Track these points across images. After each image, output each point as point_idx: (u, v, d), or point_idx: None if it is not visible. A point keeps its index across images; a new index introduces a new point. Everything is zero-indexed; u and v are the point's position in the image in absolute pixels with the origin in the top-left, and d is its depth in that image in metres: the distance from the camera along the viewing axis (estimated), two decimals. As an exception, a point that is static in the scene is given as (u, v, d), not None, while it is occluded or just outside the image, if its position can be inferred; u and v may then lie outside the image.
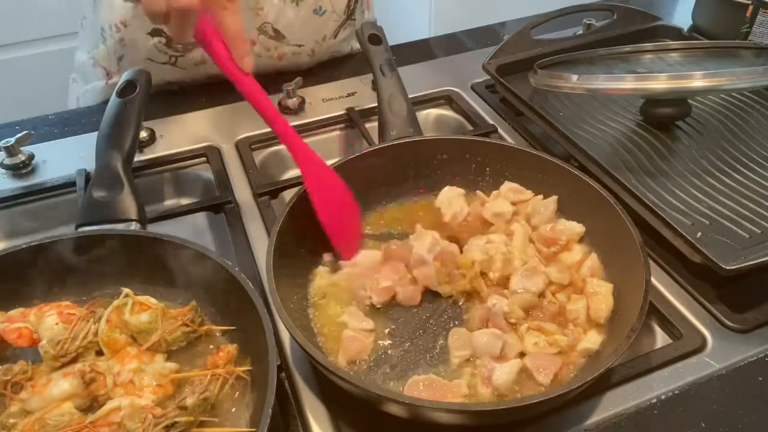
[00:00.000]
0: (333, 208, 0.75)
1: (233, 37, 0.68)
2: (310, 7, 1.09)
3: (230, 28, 0.68)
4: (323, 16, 1.11)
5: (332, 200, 0.76)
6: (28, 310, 0.68)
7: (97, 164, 0.80)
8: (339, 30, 1.15)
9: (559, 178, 0.79)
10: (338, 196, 0.77)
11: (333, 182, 0.77)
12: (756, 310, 0.73)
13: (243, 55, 0.69)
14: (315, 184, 0.74)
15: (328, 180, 0.76)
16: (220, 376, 0.61)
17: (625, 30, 1.14)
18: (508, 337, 0.67)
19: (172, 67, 1.08)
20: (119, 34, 1.04)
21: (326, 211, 0.74)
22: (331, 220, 0.75)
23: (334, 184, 0.77)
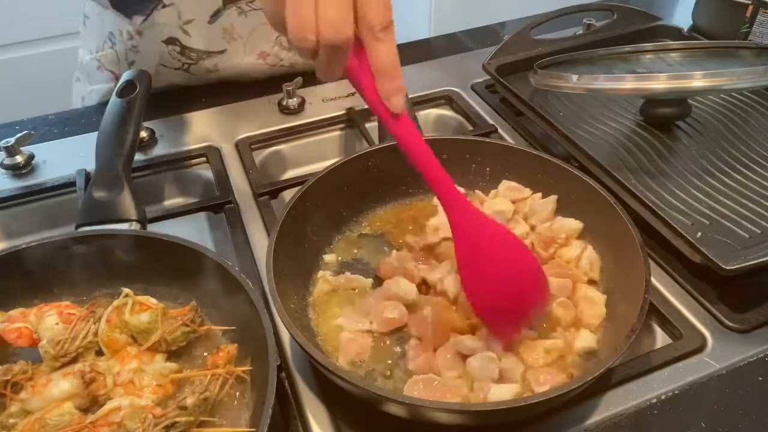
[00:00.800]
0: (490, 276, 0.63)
1: (383, 72, 0.57)
2: None
3: (380, 61, 0.56)
4: None
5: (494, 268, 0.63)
6: (28, 310, 0.68)
7: (97, 164, 0.80)
8: None
9: (559, 178, 0.79)
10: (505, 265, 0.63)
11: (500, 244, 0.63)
12: (756, 310, 0.73)
13: (391, 93, 0.57)
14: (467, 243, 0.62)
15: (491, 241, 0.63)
16: (220, 376, 0.61)
17: (625, 30, 1.14)
18: (507, 360, 0.64)
19: (183, 72, 1.09)
20: (131, 42, 1.04)
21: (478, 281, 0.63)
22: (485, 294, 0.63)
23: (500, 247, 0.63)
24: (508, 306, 0.64)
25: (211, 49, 1.05)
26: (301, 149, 1.02)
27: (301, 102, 1.06)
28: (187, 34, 1.02)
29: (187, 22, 1.01)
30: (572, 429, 0.63)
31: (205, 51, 1.05)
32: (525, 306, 0.65)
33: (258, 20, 1.04)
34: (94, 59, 1.12)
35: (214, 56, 1.06)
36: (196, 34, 1.03)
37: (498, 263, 0.63)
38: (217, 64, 1.07)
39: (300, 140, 1.02)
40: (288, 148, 1.02)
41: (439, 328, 0.67)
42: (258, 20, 1.04)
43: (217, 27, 1.02)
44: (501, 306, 0.64)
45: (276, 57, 1.10)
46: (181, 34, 1.02)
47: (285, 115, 1.04)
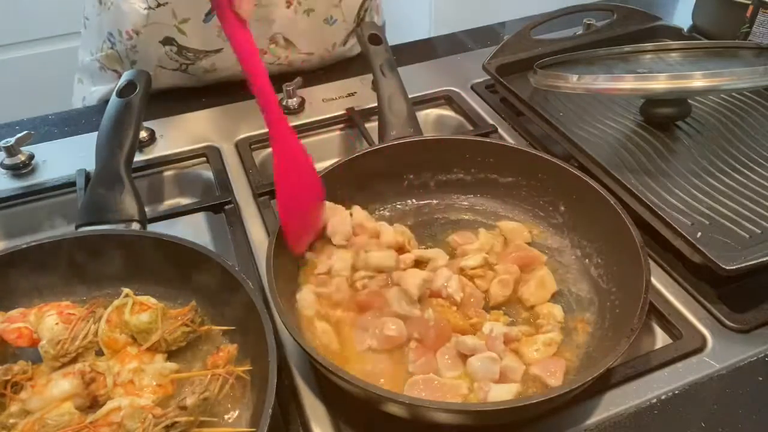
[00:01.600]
0: (293, 190, 0.72)
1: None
2: (321, 18, 1.09)
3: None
4: (334, 26, 1.11)
5: (295, 181, 0.72)
6: (28, 310, 0.68)
7: (97, 164, 0.80)
8: (348, 38, 1.15)
9: (559, 178, 0.79)
10: (303, 179, 0.73)
11: (303, 163, 0.73)
12: (756, 310, 0.73)
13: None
14: (283, 156, 0.71)
15: (298, 159, 0.73)
16: (220, 376, 0.61)
17: (625, 30, 1.14)
18: (508, 359, 0.65)
19: (182, 74, 1.09)
20: (131, 42, 1.04)
21: (286, 192, 0.71)
22: (288, 202, 0.71)
23: (303, 165, 0.73)
24: (304, 211, 0.73)
25: (208, 48, 1.05)
26: (301, 149, 1.02)
27: (301, 102, 1.06)
28: (183, 33, 1.02)
29: (182, 21, 1.01)
30: (572, 429, 0.63)
31: (201, 50, 1.05)
32: (315, 211, 0.75)
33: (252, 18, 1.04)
34: (95, 60, 1.12)
35: (211, 55, 1.06)
36: (192, 33, 1.03)
37: (302, 174, 0.73)
38: (215, 63, 1.07)
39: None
40: (288, 148, 1.02)
41: (441, 330, 0.67)
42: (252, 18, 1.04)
43: (213, 26, 1.02)
44: (300, 210, 0.72)
45: (273, 56, 1.10)
46: (177, 34, 1.02)
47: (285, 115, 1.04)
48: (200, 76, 1.10)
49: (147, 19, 1.00)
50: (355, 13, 1.13)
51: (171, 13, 1.00)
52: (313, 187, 0.74)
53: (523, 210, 0.84)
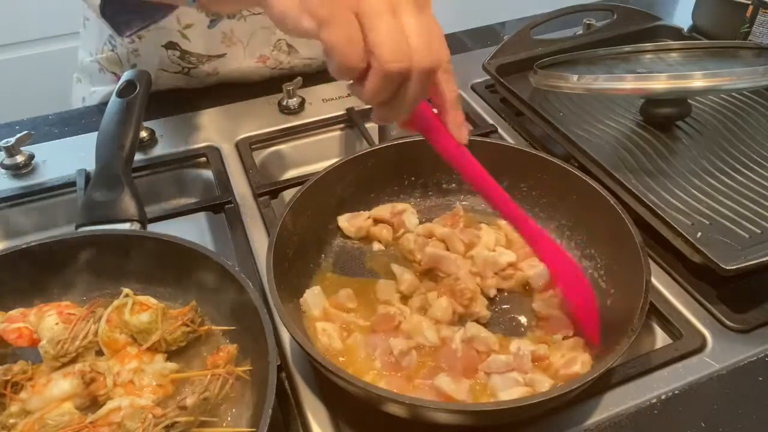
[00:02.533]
0: (581, 299, 0.68)
1: (452, 105, 0.58)
2: None
3: (451, 94, 0.58)
4: None
5: (579, 292, 0.68)
6: (28, 310, 0.68)
7: (97, 164, 0.80)
8: None
9: (559, 178, 0.79)
10: (582, 287, 0.69)
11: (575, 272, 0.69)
12: (756, 310, 0.73)
13: (459, 124, 0.59)
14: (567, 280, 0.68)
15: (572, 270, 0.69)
16: (220, 376, 0.61)
17: (625, 30, 1.14)
18: (535, 376, 0.65)
19: (183, 76, 1.09)
20: (133, 45, 1.04)
21: (579, 304, 0.68)
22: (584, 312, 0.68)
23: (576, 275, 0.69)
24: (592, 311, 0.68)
25: (211, 53, 1.05)
26: (301, 149, 1.02)
27: (301, 102, 1.06)
28: (186, 38, 1.02)
29: (186, 27, 1.01)
30: (572, 429, 0.63)
31: (205, 55, 1.05)
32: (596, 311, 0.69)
33: (257, 24, 1.04)
34: (94, 61, 1.12)
35: (214, 60, 1.06)
36: (196, 38, 1.03)
37: (579, 281, 0.68)
38: (217, 67, 1.08)
39: (300, 140, 1.02)
40: (288, 148, 1.02)
41: (469, 362, 0.66)
42: (257, 24, 1.04)
43: (217, 31, 1.02)
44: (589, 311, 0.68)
45: (276, 60, 1.10)
46: (181, 39, 1.02)
47: (285, 115, 1.04)
48: (202, 79, 1.10)
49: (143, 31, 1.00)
50: None
51: (175, 18, 1.00)
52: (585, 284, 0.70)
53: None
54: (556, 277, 0.69)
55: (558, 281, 0.70)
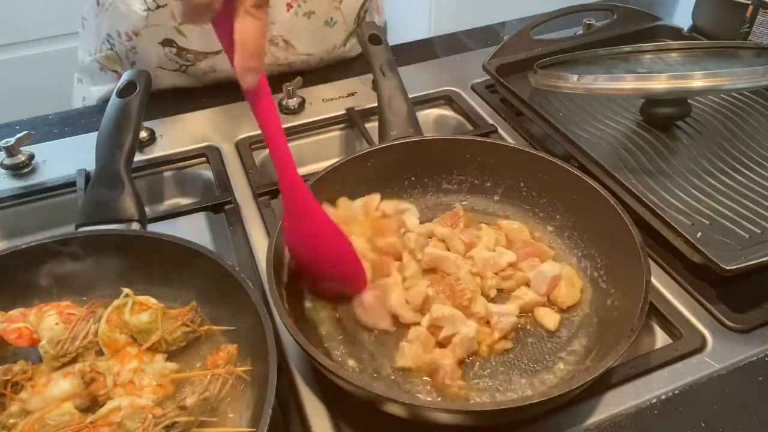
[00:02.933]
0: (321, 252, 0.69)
1: (242, 47, 0.57)
2: (321, 20, 1.09)
3: (244, 37, 0.56)
4: (334, 27, 1.11)
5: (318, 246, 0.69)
6: (28, 310, 0.68)
7: (97, 164, 0.80)
8: (348, 38, 1.16)
9: (559, 178, 0.79)
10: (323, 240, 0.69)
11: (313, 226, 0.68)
12: (756, 310, 0.73)
13: (246, 70, 0.58)
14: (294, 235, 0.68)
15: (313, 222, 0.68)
16: (220, 376, 0.61)
17: (625, 30, 1.14)
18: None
19: (182, 74, 1.09)
20: (130, 43, 1.04)
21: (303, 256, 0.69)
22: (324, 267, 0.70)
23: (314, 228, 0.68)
24: (330, 280, 0.71)
25: (208, 50, 1.05)
26: (301, 149, 1.02)
27: (301, 102, 1.06)
28: (182, 35, 1.02)
29: (182, 23, 1.01)
30: (572, 429, 0.63)
31: (201, 52, 1.05)
32: (343, 283, 0.72)
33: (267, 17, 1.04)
34: (94, 61, 1.12)
35: (211, 57, 1.06)
36: (192, 34, 1.03)
37: (321, 251, 0.69)
38: (215, 64, 1.07)
39: (300, 140, 1.02)
40: (288, 148, 1.02)
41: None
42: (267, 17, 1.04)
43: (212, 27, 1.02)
44: (324, 279, 0.71)
45: (273, 56, 1.10)
46: (177, 35, 1.02)
47: (285, 115, 1.05)
48: (200, 77, 1.10)
49: (146, 21, 1.00)
50: (355, 15, 1.13)
51: (170, 14, 1.00)
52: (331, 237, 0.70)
53: (522, 210, 0.84)
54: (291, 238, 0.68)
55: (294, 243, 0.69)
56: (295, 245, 0.70)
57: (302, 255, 0.70)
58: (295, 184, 0.65)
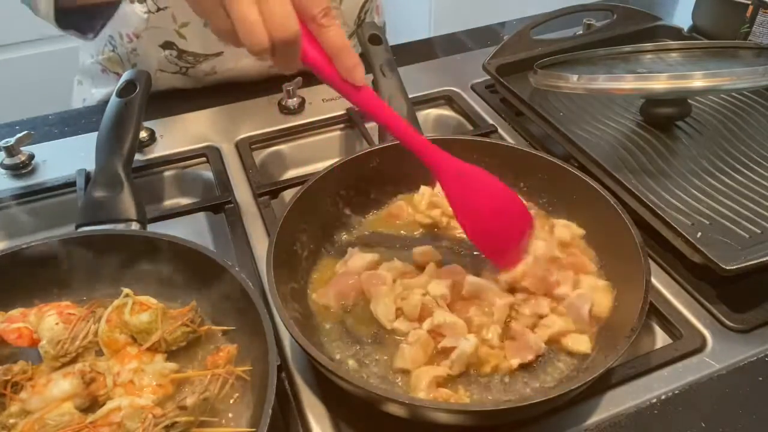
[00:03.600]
0: (481, 214, 0.70)
1: (337, 52, 0.60)
2: None
3: (333, 44, 0.60)
4: None
5: (479, 206, 0.70)
6: (28, 310, 0.68)
7: (97, 164, 0.80)
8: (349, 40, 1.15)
9: (559, 178, 0.79)
10: (488, 201, 0.70)
11: (481, 184, 0.70)
12: (756, 310, 0.73)
13: (350, 67, 0.61)
14: (454, 186, 0.69)
15: (474, 182, 0.70)
16: (220, 376, 0.61)
17: (625, 30, 1.14)
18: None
19: (182, 76, 1.09)
20: (131, 45, 1.04)
21: (471, 218, 0.70)
22: (478, 228, 0.70)
23: (482, 186, 0.70)
24: (503, 237, 0.71)
25: (208, 52, 1.05)
26: (301, 149, 1.02)
27: (301, 102, 1.06)
28: (183, 37, 1.02)
29: (182, 26, 1.01)
30: (572, 429, 0.63)
31: (202, 54, 1.05)
32: (516, 235, 0.72)
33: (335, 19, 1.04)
34: (96, 63, 1.12)
35: (212, 59, 1.06)
36: (192, 37, 1.03)
37: (486, 201, 0.70)
38: (215, 66, 1.07)
39: (300, 140, 1.02)
40: (288, 148, 1.02)
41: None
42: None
43: None
44: (497, 238, 0.71)
45: None
46: (178, 38, 1.02)
47: (285, 115, 1.05)
48: (201, 79, 1.10)
49: (147, 23, 1.00)
50: (356, 16, 1.13)
51: (171, 17, 1.00)
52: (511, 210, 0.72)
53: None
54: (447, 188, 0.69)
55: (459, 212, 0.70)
56: (466, 209, 0.70)
57: (476, 214, 0.70)
58: (435, 151, 0.68)
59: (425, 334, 0.66)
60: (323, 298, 0.72)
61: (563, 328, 0.68)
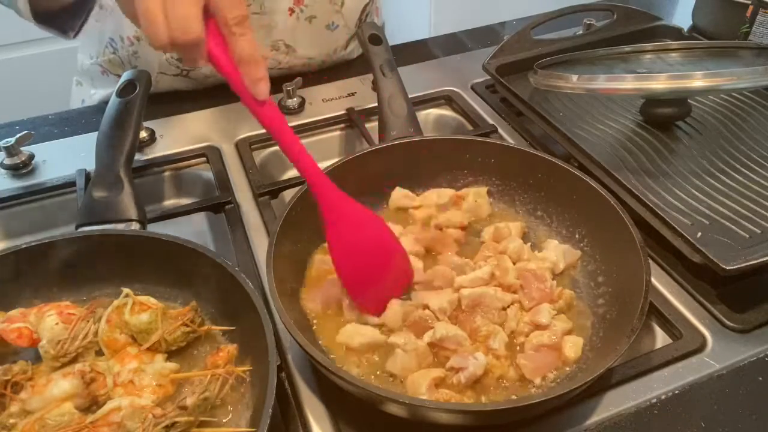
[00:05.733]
0: (357, 255, 0.69)
1: (246, 62, 0.60)
2: (322, 24, 1.09)
3: (242, 52, 0.60)
4: (335, 31, 1.11)
5: (357, 246, 0.69)
6: (28, 310, 0.68)
7: (97, 164, 0.80)
8: (349, 41, 1.16)
9: (559, 178, 0.79)
10: (366, 241, 0.70)
11: (361, 223, 0.69)
12: (756, 310, 0.73)
13: (256, 80, 0.61)
14: (336, 232, 0.68)
15: (356, 220, 0.69)
16: (220, 376, 0.61)
17: (625, 30, 1.14)
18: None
19: (183, 78, 1.09)
20: (132, 47, 1.04)
21: (347, 261, 0.69)
22: (353, 272, 0.69)
23: (361, 225, 0.69)
24: (377, 285, 0.70)
25: None
26: (301, 149, 1.02)
27: (301, 102, 1.06)
28: None
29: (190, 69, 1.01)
30: (572, 429, 0.63)
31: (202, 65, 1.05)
32: (391, 284, 0.71)
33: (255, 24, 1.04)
34: (95, 64, 1.12)
35: None
36: None
37: (367, 247, 0.70)
38: None
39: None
40: (288, 148, 1.02)
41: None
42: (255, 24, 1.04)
43: None
44: (371, 285, 0.70)
45: (274, 60, 1.10)
46: None
47: (285, 115, 1.04)
48: (201, 81, 1.10)
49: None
50: (357, 18, 1.13)
51: None
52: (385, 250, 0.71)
53: (523, 210, 0.84)
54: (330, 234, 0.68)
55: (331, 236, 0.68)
56: (343, 251, 0.68)
57: (352, 259, 0.69)
58: (324, 185, 0.67)
59: (424, 345, 0.66)
60: (310, 303, 0.72)
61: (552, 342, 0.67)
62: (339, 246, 0.68)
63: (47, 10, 0.79)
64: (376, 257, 0.70)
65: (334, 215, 0.68)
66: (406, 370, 0.65)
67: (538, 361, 0.66)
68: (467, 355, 0.64)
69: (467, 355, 0.64)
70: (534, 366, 0.65)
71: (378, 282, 0.70)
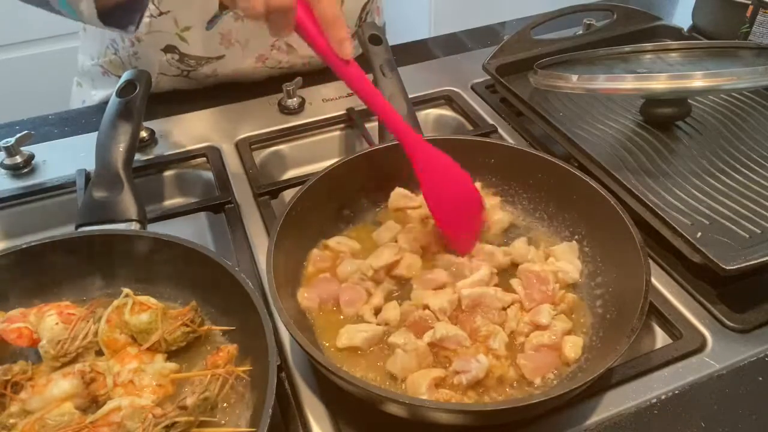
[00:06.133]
0: (446, 198, 0.75)
1: (330, 23, 0.66)
2: None
3: (325, 15, 0.66)
4: None
5: (446, 189, 0.75)
6: (28, 310, 0.68)
7: (97, 164, 0.80)
8: None
9: (559, 178, 0.79)
10: (453, 185, 0.76)
11: (447, 170, 0.75)
12: (756, 310, 0.73)
13: (340, 40, 0.66)
14: (425, 169, 0.74)
15: (442, 167, 0.75)
16: (220, 376, 0.61)
17: (625, 30, 1.14)
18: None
19: (184, 78, 1.09)
20: (133, 49, 1.04)
21: (438, 201, 0.74)
22: (444, 211, 0.75)
23: (448, 172, 0.76)
24: (465, 220, 0.77)
25: (210, 55, 1.05)
26: (301, 149, 1.02)
27: (301, 102, 1.06)
28: (185, 41, 1.02)
29: (184, 29, 1.01)
30: (572, 429, 0.63)
31: (204, 57, 1.05)
32: (475, 220, 0.79)
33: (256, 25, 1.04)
34: (96, 65, 1.12)
35: (213, 62, 1.06)
36: (194, 40, 1.02)
37: (453, 186, 0.76)
38: (216, 69, 1.08)
39: (300, 140, 1.02)
40: (288, 148, 1.02)
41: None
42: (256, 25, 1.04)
43: (215, 33, 1.02)
44: (460, 221, 0.77)
45: (275, 60, 1.10)
46: (179, 42, 1.02)
47: (285, 115, 1.05)
48: (201, 81, 1.10)
49: (149, 27, 1.00)
50: (357, 17, 1.13)
51: (173, 21, 1.00)
52: (464, 188, 0.77)
53: (522, 210, 0.84)
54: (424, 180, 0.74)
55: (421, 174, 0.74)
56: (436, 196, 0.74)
57: (443, 202, 0.75)
58: (410, 134, 0.73)
59: (424, 345, 0.66)
60: (306, 301, 0.72)
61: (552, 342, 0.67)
62: (431, 192, 0.74)
63: (104, 8, 0.81)
64: (459, 192, 0.76)
65: (421, 164, 0.74)
66: (406, 370, 0.64)
67: (538, 361, 0.66)
68: (470, 359, 0.64)
69: (470, 358, 0.64)
70: (534, 366, 0.65)
71: (465, 216, 0.77)
